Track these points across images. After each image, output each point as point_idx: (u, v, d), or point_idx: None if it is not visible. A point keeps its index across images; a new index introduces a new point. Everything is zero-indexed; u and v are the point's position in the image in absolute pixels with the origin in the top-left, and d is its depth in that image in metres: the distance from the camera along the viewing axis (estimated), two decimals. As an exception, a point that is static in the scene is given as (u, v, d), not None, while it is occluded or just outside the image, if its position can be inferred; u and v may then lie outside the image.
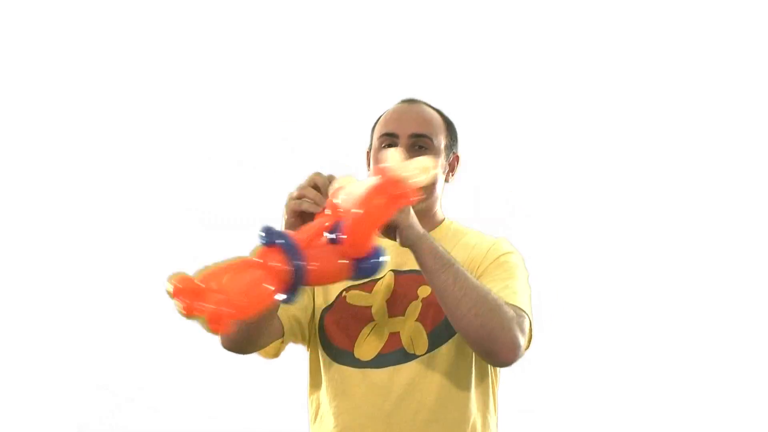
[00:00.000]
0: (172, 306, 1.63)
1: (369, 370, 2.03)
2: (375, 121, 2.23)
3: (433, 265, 1.87)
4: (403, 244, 1.87)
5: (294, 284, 1.67)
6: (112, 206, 4.18)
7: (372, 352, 2.03)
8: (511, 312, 1.91)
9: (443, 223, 2.17)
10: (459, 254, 2.03)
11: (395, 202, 1.79)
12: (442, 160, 2.14)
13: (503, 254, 2.07)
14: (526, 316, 1.96)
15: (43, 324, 4.11)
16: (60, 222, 4.17)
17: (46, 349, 4.11)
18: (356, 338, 2.05)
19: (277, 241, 1.67)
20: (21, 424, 4.08)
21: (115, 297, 4.13)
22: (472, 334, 1.89)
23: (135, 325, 4.10)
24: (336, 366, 2.06)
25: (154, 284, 4.19)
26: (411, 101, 2.20)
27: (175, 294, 1.64)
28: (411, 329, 2.01)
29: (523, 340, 1.93)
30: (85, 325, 4.13)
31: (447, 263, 1.87)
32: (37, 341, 4.10)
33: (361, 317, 2.06)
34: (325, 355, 2.08)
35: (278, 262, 1.66)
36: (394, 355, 2.02)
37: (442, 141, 2.15)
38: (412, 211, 1.87)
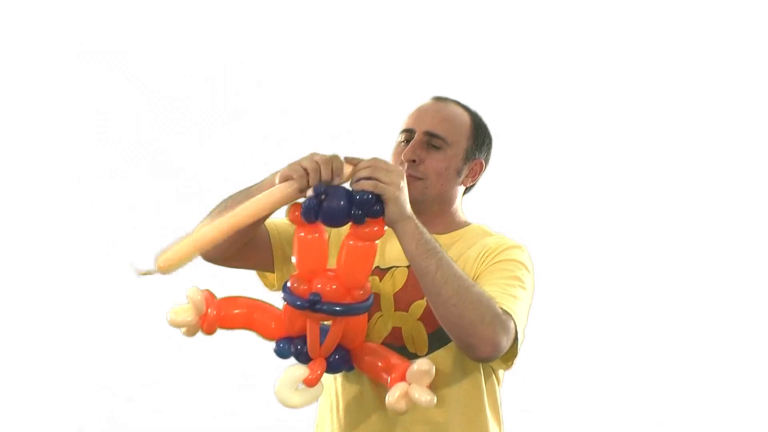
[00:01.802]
0: None
1: None
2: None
3: (415, 249, 1.85)
4: (387, 222, 1.85)
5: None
6: (112, 207, 4.18)
7: (375, 342, 2.02)
8: (495, 308, 1.87)
9: (469, 226, 2.13)
10: (472, 251, 2.02)
11: None
12: (456, 163, 2.10)
13: (511, 259, 2.03)
14: (513, 320, 1.91)
15: (43, 324, 4.11)
16: (60, 222, 4.17)
17: (46, 349, 4.11)
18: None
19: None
20: (21, 424, 4.08)
21: (115, 297, 4.13)
22: (450, 323, 1.87)
23: (135, 325, 4.10)
24: None
25: (154, 284, 4.21)
26: (440, 99, 2.16)
27: None
28: (412, 327, 2.00)
29: (504, 339, 1.88)
30: (85, 325, 4.13)
31: (431, 249, 1.84)
32: (37, 341, 4.10)
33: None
34: None
35: None
36: (394, 350, 2.00)
37: (461, 144, 2.10)
38: (405, 191, 1.85)
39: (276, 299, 2.14)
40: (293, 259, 1.89)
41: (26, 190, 4.17)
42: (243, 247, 2.03)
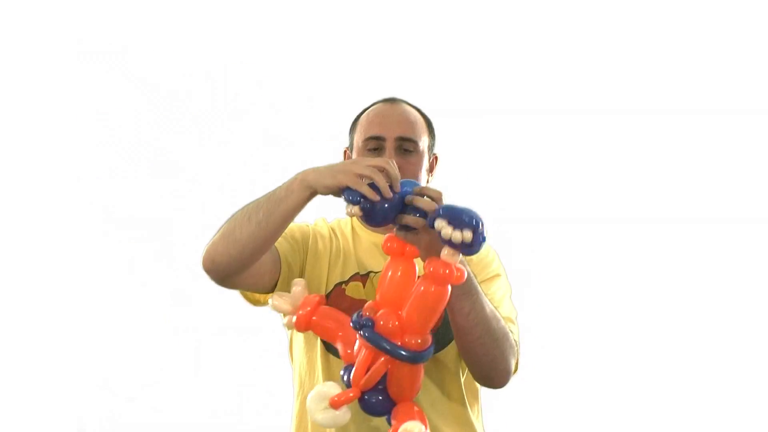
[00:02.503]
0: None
1: None
2: (354, 120, 2.21)
3: (454, 290, 1.86)
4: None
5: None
6: (111, 206, 4.18)
7: None
8: (512, 340, 1.97)
9: None
10: None
11: None
12: (425, 162, 2.13)
13: (495, 275, 2.11)
14: (516, 345, 2.02)
15: (43, 324, 4.11)
16: (60, 222, 4.17)
17: (46, 348, 4.11)
18: None
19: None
20: (22, 423, 4.08)
21: (115, 297, 4.13)
22: (474, 360, 1.95)
23: (135, 325, 4.11)
24: (333, 358, 2.08)
25: (154, 284, 4.22)
26: (393, 101, 2.19)
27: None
28: None
29: (513, 367, 2.01)
30: (85, 325, 4.13)
31: (467, 292, 1.88)
32: (37, 341, 4.10)
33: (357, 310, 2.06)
34: (322, 345, 2.09)
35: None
36: None
37: (425, 143, 2.14)
38: None
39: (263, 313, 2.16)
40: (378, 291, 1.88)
41: (26, 190, 4.17)
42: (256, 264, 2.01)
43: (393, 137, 2.10)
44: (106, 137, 4.21)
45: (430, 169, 2.18)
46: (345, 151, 2.21)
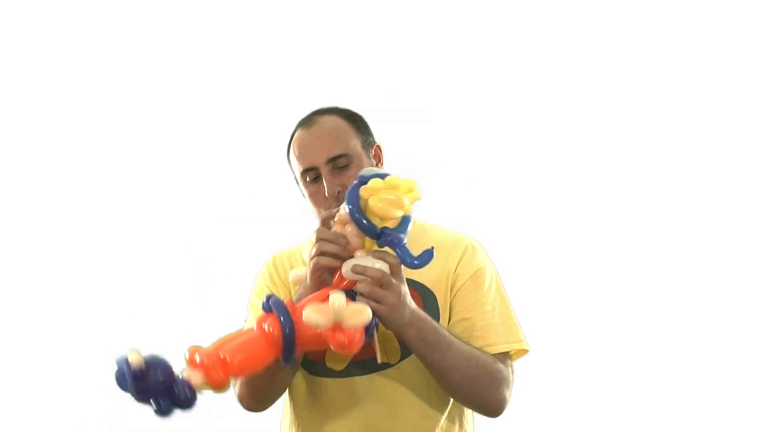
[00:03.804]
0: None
1: (342, 379, 2.04)
2: (287, 146, 2.15)
3: (421, 350, 1.89)
4: (388, 327, 1.86)
5: (286, 348, 1.74)
6: (112, 206, 4.18)
7: (344, 362, 2.03)
8: (498, 369, 1.95)
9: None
10: (437, 266, 1.98)
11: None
12: (366, 160, 2.09)
13: (477, 270, 2.06)
14: (510, 366, 2.00)
15: (43, 324, 4.11)
16: (60, 221, 4.17)
17: (46, 349, 4.11)
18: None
19: (273, 308, 1.76)
20: (21, 424, 4.08)
21: (115, 297, 4.13)
22: (458, 397, 1.97)
23: (135, 326, 4.10)
24: (309, 377, 2.07)
25: (154, 284, 4.21)
26: (308, 122, 2.12)
27: (191, 363, 1.84)
28: (381, 338, 1.97)
29: (508, 393, 1.99)
30: (85, 325, 4.13)
31: (435, 345, 1.88)
32: (37, 341, 4.11)
33: None
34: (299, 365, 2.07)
35: (272, 327, 1.74)
36: (366, 363, 2.01)
37: (355, 145, 2.09)
38: (403, 303, 1.82)
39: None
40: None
41: (27, 191, 4.17)
42: (273, 391, 2.09)
43: (323, 162, 2.05)
44: (106, 137, 4.21)
45: (378, 160, 2.14)
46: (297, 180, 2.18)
